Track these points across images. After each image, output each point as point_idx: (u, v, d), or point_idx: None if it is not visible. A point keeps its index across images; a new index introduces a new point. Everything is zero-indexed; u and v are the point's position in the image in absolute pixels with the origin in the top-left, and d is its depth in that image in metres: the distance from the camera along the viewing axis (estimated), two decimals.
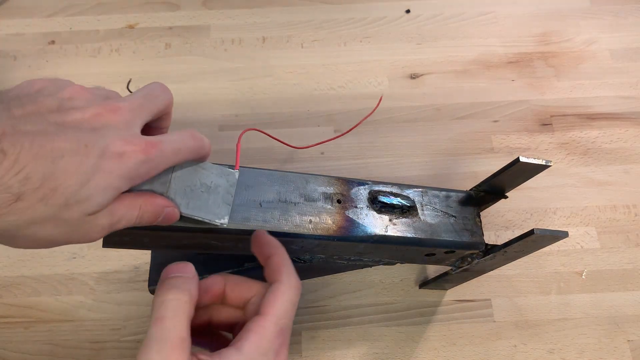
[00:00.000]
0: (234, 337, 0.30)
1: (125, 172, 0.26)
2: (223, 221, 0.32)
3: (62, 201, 0.24)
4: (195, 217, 0.31)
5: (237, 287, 0.32)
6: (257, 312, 0.30)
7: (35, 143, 0.23)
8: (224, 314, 0.32)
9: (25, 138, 0.23)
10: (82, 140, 0.24)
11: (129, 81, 0.49)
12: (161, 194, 0.30)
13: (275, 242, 0.33)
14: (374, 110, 0.60)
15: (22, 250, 0.54)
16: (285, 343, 0.30)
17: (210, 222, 0.32)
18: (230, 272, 0.44)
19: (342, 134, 0.59)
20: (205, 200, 0.32)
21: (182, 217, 0.31)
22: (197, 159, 0.31)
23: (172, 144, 0.28)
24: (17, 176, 0.22)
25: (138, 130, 0.27)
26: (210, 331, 0.33)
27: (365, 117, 0.59)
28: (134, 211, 0.28)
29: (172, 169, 0.30)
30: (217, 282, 0.32)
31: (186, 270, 0.30)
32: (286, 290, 0.30)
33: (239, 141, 0.38)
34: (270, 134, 0.48)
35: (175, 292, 0.28)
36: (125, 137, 0.26)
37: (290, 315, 0.30)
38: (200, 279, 0.31)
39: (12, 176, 0.22)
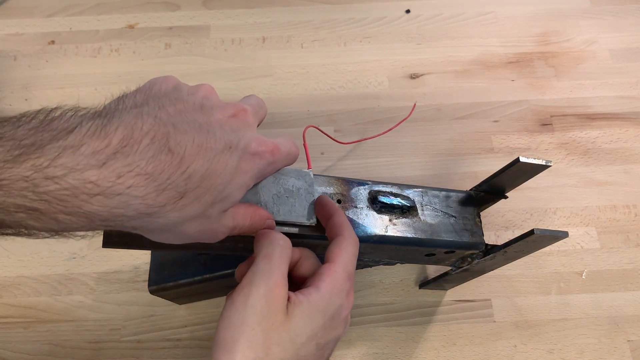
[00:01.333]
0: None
1: (256, 172, 0.28)
2: (312, 221, 0.35)
3: (211, 199, 0.26)
4: (288, 222, 0.34)
5: None
6: (326, 260, 0.33)
7: (195, 143, 0.24)
8: None
9: (187, 137, 0.24)
10: (227, 141, 0.26)
11: None
12: (256, 204, 0.32)
13: (335, 205, 0.35)
14: (408, 116, 0.61)
15: (22, 250, 0.55)
16: (352, 288, 0.33)
17: (302, 224, 0.35)
18: (231, 271, 0.44)
19: (381, 133, 0.59)
20: (292, 204, 0.34)
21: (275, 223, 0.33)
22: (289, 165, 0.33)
23: (285, 147, 0.30)
24: (183, 175, 0.24)
25: (266, 140, 0.29)
26: None
27: (399, 123, 0.59)
28: (247, 220, 0.30)
29: (258, 183, 0.33)
30: None
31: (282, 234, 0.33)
32: (349, 243, 0.33)
33: (304, 140, 0.39)
34: (323, 131, 0.52)
35: (282, 237, 0.31)
36: (257, 139, 0.28)
37: (353, 264, 0.33)
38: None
39: (179, 175, 0.24)
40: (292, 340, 0.29)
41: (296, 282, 0.34)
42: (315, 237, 0.36)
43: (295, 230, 0.35)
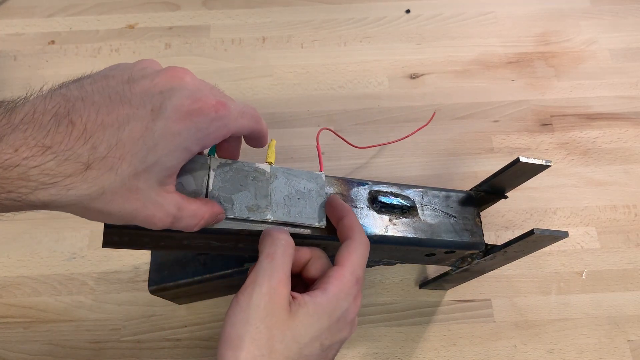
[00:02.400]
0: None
1: (193, 132, 0.26)
2: (322, 223, 0.35)
3: (132, 169, 0.25)
4: (298, 224, 0.34)
5: (295, 255, 0.34)
6: (335, 263, 0.33)
7: (100, 112, 0.24)
8: None
9: (92, 109, 0.24)
10: (148, 104, 0.25)
11: None
12: (267, 207, 0.33)
13: (346, 206, 0.35)
14: (427, 124, 0.60)
15: (22, 250, 0.55)
16: (359, 292, 0.33)
17: (312, 226, 0.35)
18: (231, 271, 0.44)
19: (402, 138, 0.59)
20: (303, 206, 0.35)
21: (285, 224, 0.34)
22: (257, 131, 0.31)
23: (237, 106, 0.29)
24: (85, 145, 0.24)
25: (209, 94, 0.27)
26: None
27: (416, 131, 0.59)
28: (196, 220, 0.29)
29: (270, 183, 0.34)
30: None
31: (287, 232, 0.33)
32: (358, 245, 0.33)
33: (317, 142, 0.39)
34: (338, 134, 0.52)
35: (285, 236, 0.32)
36: (192, 96, 0.26)
37: (362, 268, 0.33)
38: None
39: (80, 145, 0.23)
40: (295, 338, 0.29)
41: (306, 282, 0.34)
42: (325, 237, 0.36)
43: (306, 231, 0.35)
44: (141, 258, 0.54)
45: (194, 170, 0.32)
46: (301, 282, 0.35)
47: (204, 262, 0.44)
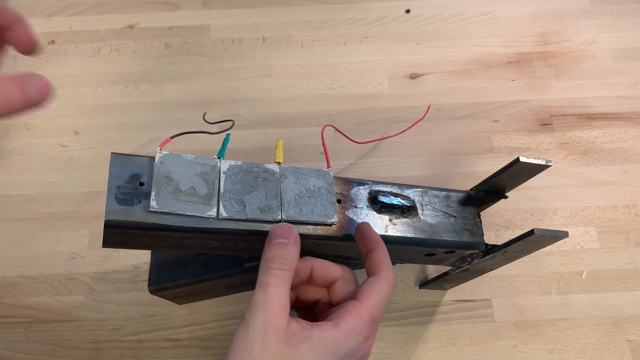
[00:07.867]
0: (316, 312, 0.35)
1: None
2: (333, 220, 0.36)
3: None
4: (310, 222, 0.35)
5: (323, 270, 0.35)
6: (353, 297, 0.33)
7: None
8: (309, 292, 0.36)
9: None
10: None
11: (205, 113, 0.46)
12: (278, 207, 0.34)
13: (377, 237, 0.35)
14: (423, 117, 0.60)
15: (22, 250, 0.55)
16: (374, 332, 0.33)
17: (324, 223, 0.35)
18: (231, 271, 0.44)
19: (399, 133, 0.60)
20: (314, 204, 0.35)
21: (297, 223, 0.34)
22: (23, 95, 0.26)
23: None
24: None
25: None
26: (297, 307, 0.37)
27: (414, 124, 0.59)
28: None
29: (280, 183, 0.35)
30: (306, 265, 0.35)
31: (290, 234, 0.32)
32: (383, 285, 0.33)
33: (323, 139, 0.40)
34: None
35: (278, 263, 0.31)
36: None
37: (382, 308, 0.33)
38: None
39: None
40: None
41: (333, 303, 0.35)
42: (338, 238, 0.36)
43: (317, 230, 0.36)
44: (141, 258, 0.54)
45: (205, 174, 0.33)
46: (329, 300, 0.35)
47: (204, 262, 0.44)
